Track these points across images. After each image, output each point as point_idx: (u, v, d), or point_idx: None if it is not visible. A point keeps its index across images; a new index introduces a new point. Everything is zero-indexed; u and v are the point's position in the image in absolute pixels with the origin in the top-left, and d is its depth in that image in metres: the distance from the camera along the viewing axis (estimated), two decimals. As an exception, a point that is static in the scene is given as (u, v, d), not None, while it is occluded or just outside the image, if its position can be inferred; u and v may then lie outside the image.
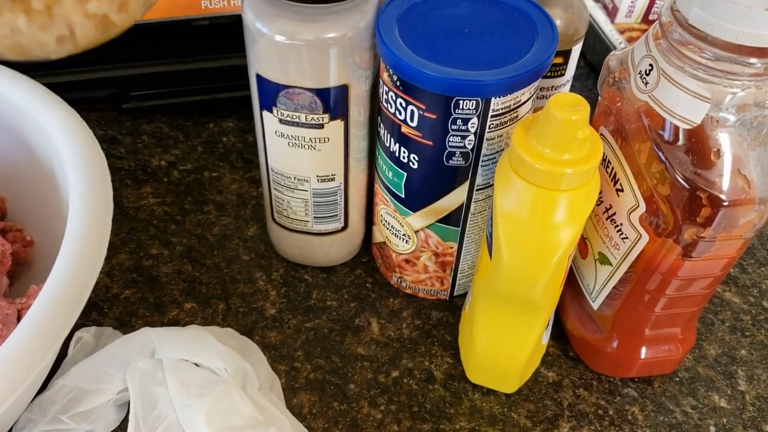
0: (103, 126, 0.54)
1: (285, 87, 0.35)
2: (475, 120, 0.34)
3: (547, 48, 0.34)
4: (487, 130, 0.35)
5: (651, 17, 0.62)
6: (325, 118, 0.37)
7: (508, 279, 0.35)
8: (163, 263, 0.45)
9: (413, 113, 0.35)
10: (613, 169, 0.35)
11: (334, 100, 0.36)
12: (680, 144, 0.31)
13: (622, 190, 0.35)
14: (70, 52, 0.23)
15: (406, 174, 0.38)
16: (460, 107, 0.34)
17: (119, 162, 0.51)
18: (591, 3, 0.63)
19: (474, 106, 0.34)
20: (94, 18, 0.22)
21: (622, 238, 0.36)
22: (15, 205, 0.42)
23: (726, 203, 0.30)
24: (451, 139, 0.35)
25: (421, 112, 0.35)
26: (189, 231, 0.47)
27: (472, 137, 0.35)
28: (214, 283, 0.44)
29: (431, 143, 0.36)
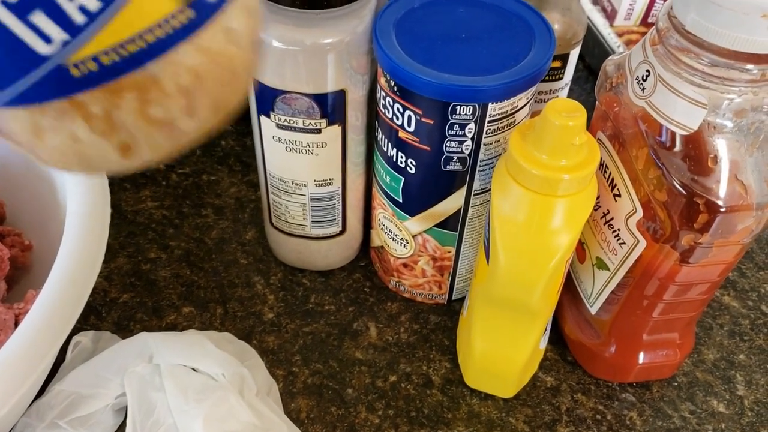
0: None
1: (282, 92, 0.35)
2: (472, 125, 0.34)
3: (545, 53, 0.34)
4: (484, 135, 0.35)
5: (650, 20, 0.62)
6: (323, 123, 0.37)
7: (505, 284, 0.35)
8: (162, 267, 0.45)
9: (410, 118, 0.35)
10: (610, 174, 0.35)
11: (331, 105, 0.36)
12: (677, 150, 0.31)
13: (619, 196, 0.35)
14: (138, 166, 0.21)
15: (403, 179, 0.38)
16: (457, 113, 0.34)
17: (118, 166, 0.51)
18: (589, 6, 0.63)
19: (471, 112, 0.34)
20: (158, 124, 0.19)
21: (620, 244, 0.36)
22: (13, 209, 0.42)
23: (723, 209, 0.30)
24: (448, 144, 0.35)
25: (418, 118, 0.35)
26: (187, 235, 0.47)
27: (469, 142, 0.35)
28: (212, 287, 0.44)
29: (428, 148, 0.36)
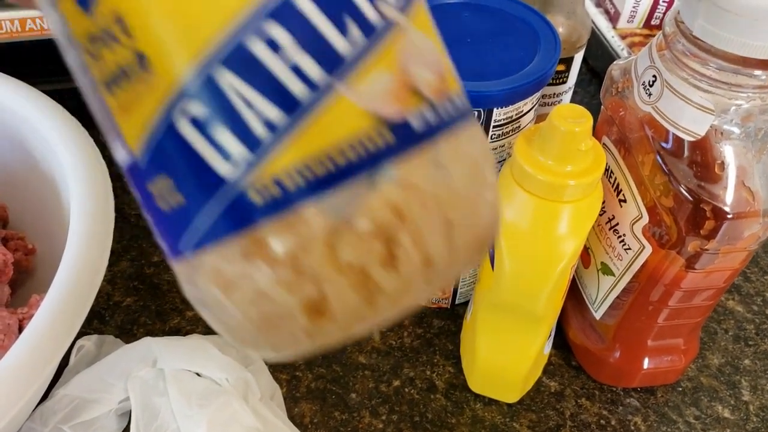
0: (105, 132, 0.54)
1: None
2: (477, 130, 0.34)
3: (550, 58, 0.34)
4: (489, 140, 0.35)
5: (653, 22, 0.62)
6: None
7: (509, 290, 0.34)
8: (165, 271, 0.45)
9: (416, 123, 0.35)
10: (616, 179, 0.35)
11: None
12: (684, 156, 0.30)
13: (625, 201, 0.35)
14: (326, 339, 0.16)
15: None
16: (463, 118, 0.33)
17: (121, 169, 0.51)
18: (593, 9, 0.63)
19: (476, 117, 0.33)
20: (350, 272, 0.15)
21: (625, 249, 0.35)
22: (16, 213, 0.42)
23: (730, 216, 0.30)
24: (453, 149, 0.35)
25: (423, 123, 0.34)
26: (190, 238, 0.47)
27: (474, 147, 0.35)
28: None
29: (434, 153, 0.35)
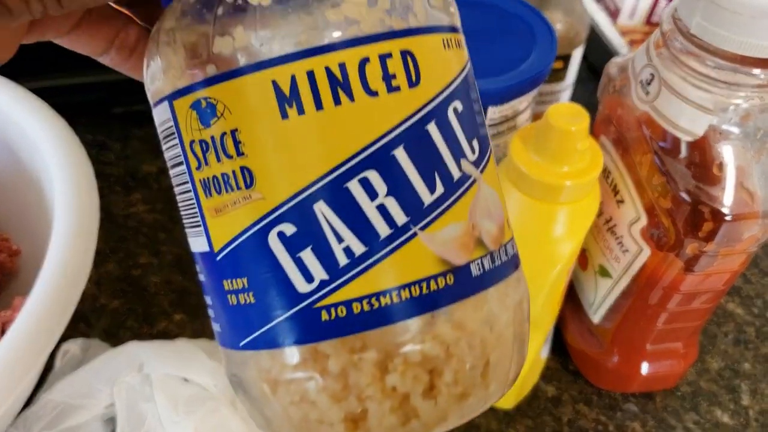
0: (93, 131, 0.53)
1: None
2: (471, 130, 0.33)
3: (546, 55, 0.34)
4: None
5: (653, 19, 0.61)
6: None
7: (504, 293, 0.34)
8: (153, 273, 0.44)
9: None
10: (613, 180, 0.34)
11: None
12: (682, 156, 0.30)
13: (623, 202, 0.34)
14: None
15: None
16: (456, 117, 0.33)
17: (108, 168, 0.50)
18: (593, 6, 0.62)
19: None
20: (393, 397, 0.17)
21: (623, 251, 0.35)
22: (0, 214, 0.41)
23: (729, 217, 0.29)
24: (446, 148, 0.34)
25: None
26: (179, 240, 0.46)
27: (468, 147, 0.34)
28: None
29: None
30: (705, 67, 0.28)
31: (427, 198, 0.16)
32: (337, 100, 0.16)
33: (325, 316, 0.16)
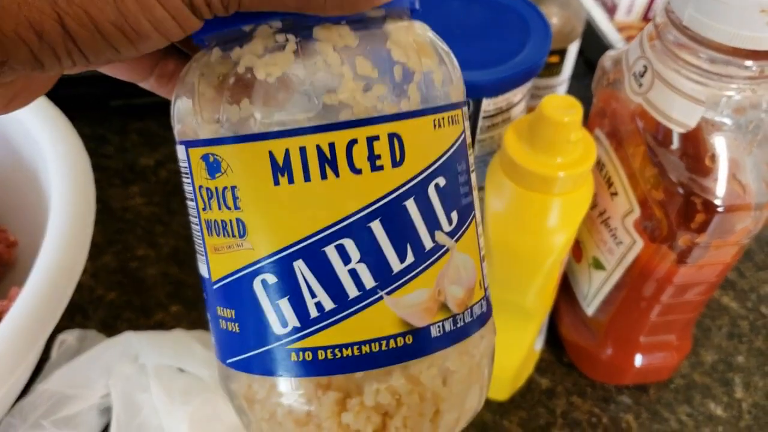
0: (91, 124, 0.53)
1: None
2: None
3: (540, 48, 0.34)
4: (478, 131, 0.34)
5: (651, 15, 0.61)
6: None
7: (498, 284, 0.34)
8: (150, 265, 0.44)
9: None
10: (607, 172, 0.34)
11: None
12: (674, 148, 0.30)
13: (616, 194, 0.34)
14: None
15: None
16: (450, 108, 0.33)
17: (107, 161, 0.51)
18: (590, 2, 0.62)
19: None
20: (347, 431, 0.19)
21: (617, 243, 0.35)
22: (-2, 206, 0.41)
23: (721, 209, 0.29)
24: (441, 141, 0.34)
25: (410, 113, 0.34)
26: (176, 232, 0.46)
27: (462, 139, 0.34)
28: (201, 285, 0.44)
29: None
30: (698, 59, 0.28)
31: (396, 266, 0.18)
32: (323, 175, 0.17)
33: (294, 357, 0.18)
